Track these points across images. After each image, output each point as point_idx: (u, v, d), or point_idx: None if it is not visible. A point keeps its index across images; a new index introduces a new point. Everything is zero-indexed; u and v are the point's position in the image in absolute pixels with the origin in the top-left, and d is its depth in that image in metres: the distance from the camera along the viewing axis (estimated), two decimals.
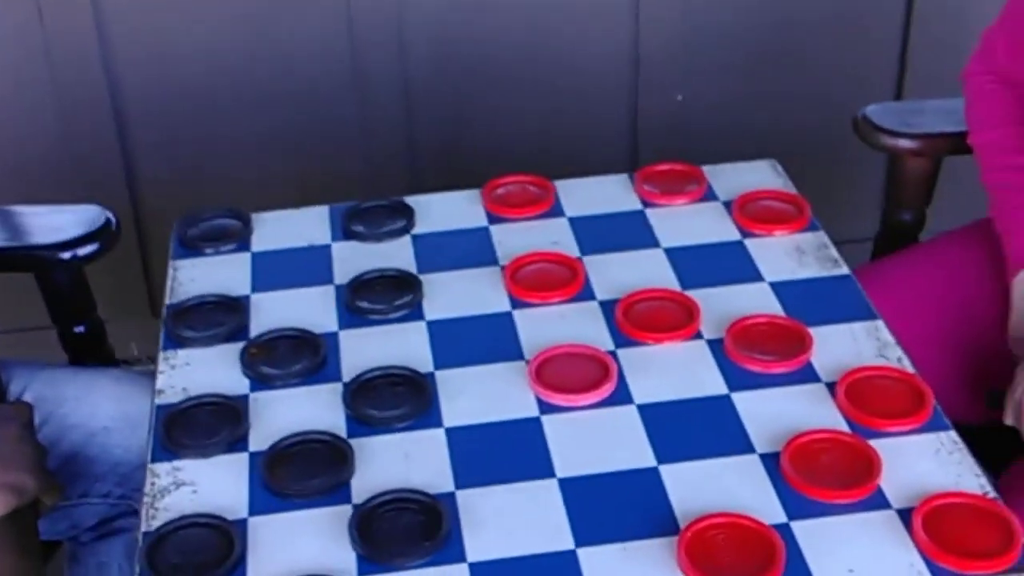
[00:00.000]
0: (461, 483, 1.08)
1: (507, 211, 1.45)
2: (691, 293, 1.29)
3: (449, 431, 1.14)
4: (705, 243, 1.38)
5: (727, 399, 1.16)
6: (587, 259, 1.36)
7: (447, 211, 1.46)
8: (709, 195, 1.46)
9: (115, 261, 1.58)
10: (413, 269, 1.36)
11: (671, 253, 1.37)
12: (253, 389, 1.21)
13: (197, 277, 1.38)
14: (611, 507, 1.05)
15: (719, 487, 1.07)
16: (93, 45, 2.08)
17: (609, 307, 1.28)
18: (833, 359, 1.20)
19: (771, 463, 1.09)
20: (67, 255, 1.47)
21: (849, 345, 1.22)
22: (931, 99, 1.66)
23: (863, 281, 1.32)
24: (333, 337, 1.27)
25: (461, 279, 1.35)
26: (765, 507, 1.04)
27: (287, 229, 1.45)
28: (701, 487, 1.07)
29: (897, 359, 1.20)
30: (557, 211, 1.45)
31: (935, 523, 1.02)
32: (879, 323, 1.25)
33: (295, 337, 1.26)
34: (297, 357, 1.23)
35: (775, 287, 1.31)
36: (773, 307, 1.28)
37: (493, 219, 1.44)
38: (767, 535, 1.01)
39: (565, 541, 1.02)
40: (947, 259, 1.46)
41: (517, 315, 1.29)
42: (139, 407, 1.34)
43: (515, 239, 1.40)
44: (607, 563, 1.00)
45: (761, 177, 1.49)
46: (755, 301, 1.29)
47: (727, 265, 1.35)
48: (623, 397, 1.17)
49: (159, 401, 1.20)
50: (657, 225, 1.42)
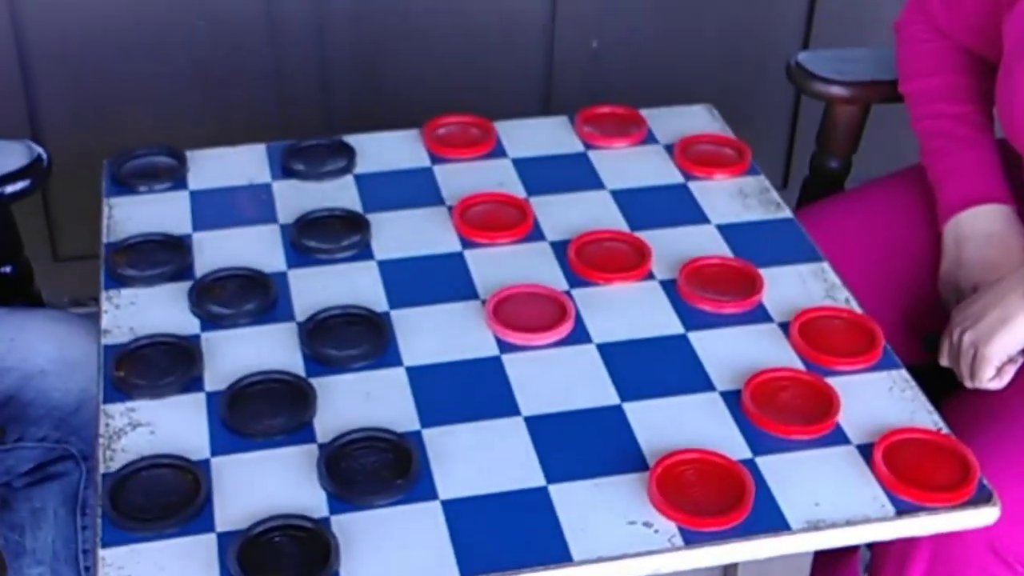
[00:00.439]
0: (426, 422, 1.08)
1: (449, 151, 1.44)
2: (640, 234, 1.30)
3: (409, 370, 1.13)
4: (650, 185, 1.39)
5: (683, 338, 1.18)
6: (534, 200, 1.36)
7: (388, 151, 1.45)
8: (649, 138, 1.47)
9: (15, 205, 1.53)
10: (359, 208, 1.34)
11: (617, 195, 1.37)
12: (204, 329, 1.18)
13: (134, 215, 1.34)
14: (579, 444, 1.06)
15: (683, 424, 1.08)
16: None
17: (560, 247, 1.28)
18: (784, 300, 1.22)
19: (732, 400, 1.10)
20: None
21: (798, 286, 1.24)
22: (855, 48, 1.68)
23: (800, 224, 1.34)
24: (282, 276, 1.25)
25: (408, 219, 1.34)
26: (730, 443, 1.06)
27: (223, 167, 1.42)
28: (665, 424, 1.08)
29: (845, 300, 1.23)
30: (499, 152, 1.44)
31: (894, 457, 1.05)
32: (825, 265, 1.27)
33: (244, 276, 1.24)
34: (247, 296, 1.21)
35: (722, 229, 1.32)
36: (721, 249, 1.29)
37: (436, 159, 1.43)
38: (736, 470, 1.02)
39: (536, 478, 1.02)
40: (880, 205, 1.49)
41: (468, 255, 1.28)
42: (77, 349, 1.30)
43: (459, 180, 1.39)
44: (580, 499, 1.01)
45: (699, 121, 1.51)
46: (703, 243, 1.30)
47: (673, 207, 1.36)
48: (581, 336, 1.17)
49: (106, 341, 1.17)
50: (600, 167, 1.42)
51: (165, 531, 0.97)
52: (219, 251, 1.28)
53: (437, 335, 1.18)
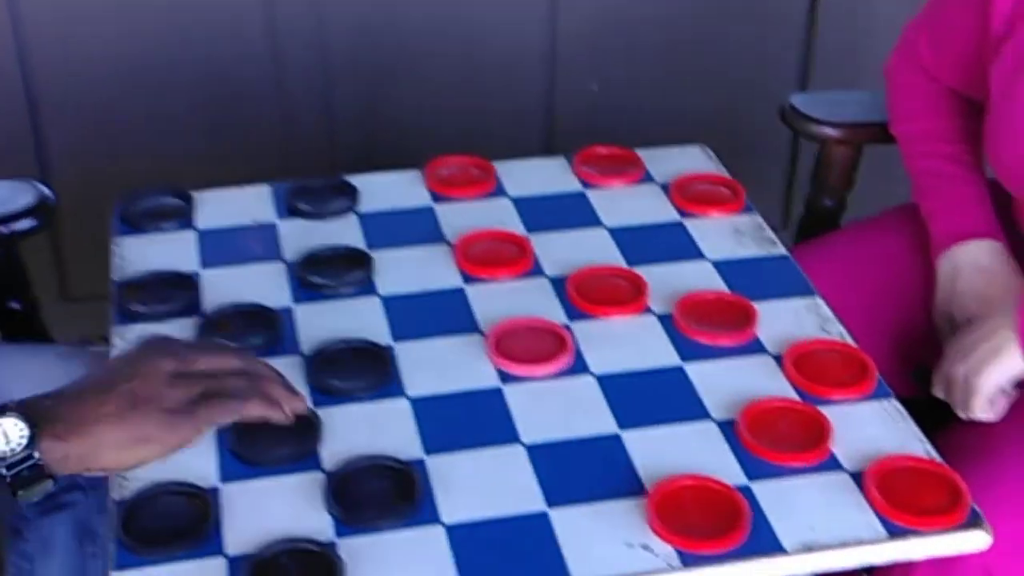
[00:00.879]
0: (430, 449, 1.11)
1: (450, 191, 1.47)
2: (637, 270, 1.33)
3: (413, 401, 1.16)
4: (646, 223, 1.42)
5: (680, 370, 1.20)
6: (533, 237, 1.39)
7: (390, 190, 1.48)
8: (646, 178, 1.51)
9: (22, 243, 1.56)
10: (362, 246, 1.38)
11: (614, 232, 1.41)
12: None
13: (142, 254, 1.37)
14: (578, 471, 1.09)
15: (680, 451, 1.11)
16: (6, 25, 2.04)
17: (559, 283, 1.31)
18: (778, 333, 1.25)
19: (728, 429, 1.13)
20: (4, 230, 1.45)
21: (792, 320, 1.27)
22: (848, 90, 1.72)
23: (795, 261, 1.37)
24: (288, 312, 1.28)
25: (410, 256, 1.37)
26: (725, 470, 1.09)
27: (229, 207, 1.45)
28: (663, 452, 1.11)
29: (839, 333, 1.26)
30: (499, 191, 1.48)
31: (886, 484, 1.07)
32: (818, 299, 1.30)
33: (250, 312, 1.27)
34: (254, 331, 1.24)
35: (717, 265, 1.35)
36: (717, 284, 1.32)
37: (437, 198, 1.46)
38: (732, 496, 1.05)
39: (536, 503, 1.05)
40: (873, 242, 1.52)
41: (469, 290, 1.31)
42: None
43: (460, 218, 1.43)
44: (579, 522, 1.03)
45: (694, 161, 1.54)
46: (699, 278, 1.33)
47: (669, 244, 1.39)
48: (580, 368, 1.20)
49: None
50: (598, 205, 1.45)
51: (175, 554, 1.00)
52: (226, 288, 1.31)
53: (439, 367, 1.20)
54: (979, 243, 1.39)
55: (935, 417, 1.33)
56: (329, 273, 1.32)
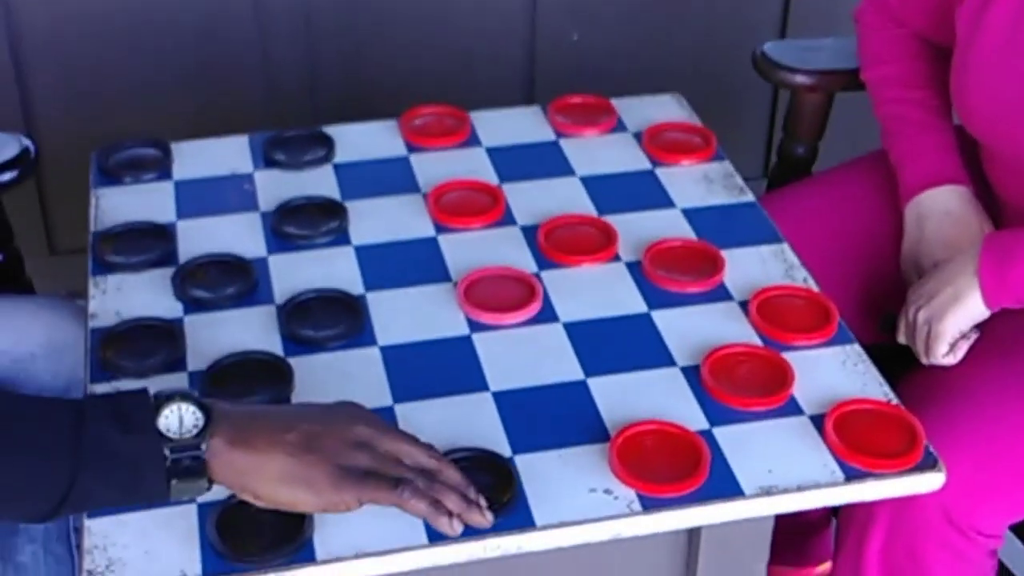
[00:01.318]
0: (399, 397, 1.13)
1: (425, 141, 1.49)
2: (608, 218, 1.35)
3: (383, 349, 1.18)
4: (618, 172, 1.44)
5: (647, 317, 1.23)
6: (506, 187, 1.41)
7: (366, 141, 1.50)
8: (619, 127, 1.52)
9: (9, 197, 1.57)
10: (337, 196, 1.39)
11: (586, 181, 1.42)
12: (187, 312, 1.23)
13: (120, 205, 1.39)
14: (544, 417, 1.11)
15: (644, 397, 1.13)
16: None
17: (530, 232, 1.33)
18: (744, 279, 1.27)
19: (692, 375, 1.15)
20: None
21: (758, 266, 1.29)
22: (824, 38, 1.73)
23: (765, 208, 1.39)
24: (263, 262, 1.30)
25: (385, 206, 1.38)
26: (688, 415, 1.11)
27: (207, 158, 1.47)
28: (627, 398, 1.13)
29: (803, 279, 1.28)
30: (474, 141, 1.49)
31: (845, 427, 1.09)
32: (785, 246, 1.32)
33: (225, 262, 1.29)
34: (229, 281, 1.26)
35: (686, 213, 1.37)
36: (685, 232, 1.34)
37: (412, 148, 1.48)
38: (692, 440, 1.07)
39: (503, 449, 1.07)
40: (842, 189, 1.54)
41: (442, 239, 1.33)
42: (66, 334, 1.35)
43: (435, 168, 1.44)
44: (544, 469, 1.06)
45: (667, 110, 1.55)
46: (668, 226, 1.35)
47: (640, 192, 1.41)
48: (549, 316, 1.22)
49: (93, 324, 1.22)
50: (571, 155, 1.47)
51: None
52: (202, 238, 1.33)
53: (410, 316, 1.23)
54: (946, 189, 1.41)
55: (903, 363, 1.35)
56: (304, 223, 1.34)
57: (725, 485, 1.04)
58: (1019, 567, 1.47)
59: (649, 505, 1.03)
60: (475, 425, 1.10)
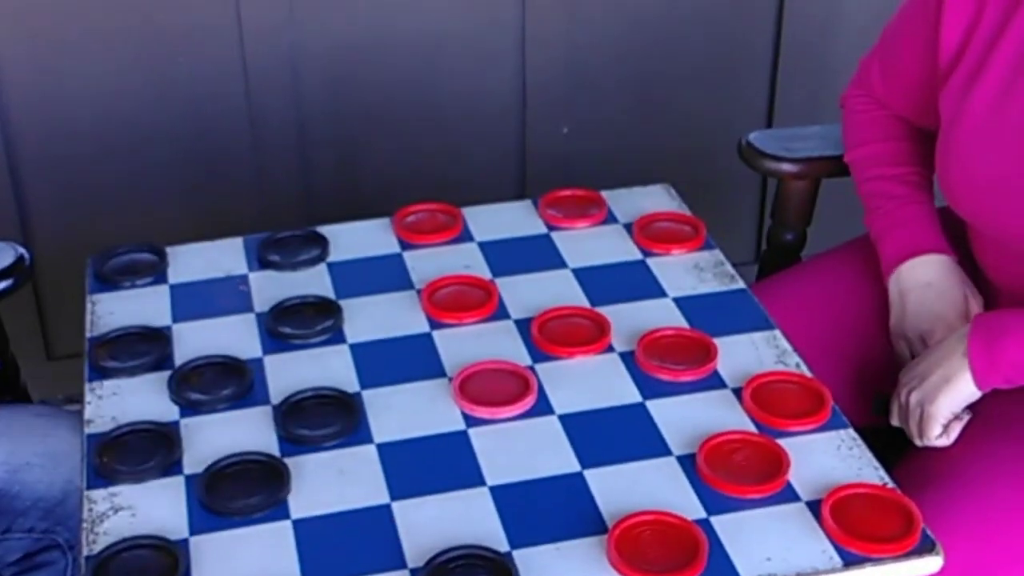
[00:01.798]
0: (396, 495, 1.13)
1: (418, 237, 1.50)
2: (601, 309, 1.36)
3: (380, 447, 1.19)
4: (609, 263, 1.45)
5: (642, 407, 1.23)
6: (499, 280, 1.42)
7: (359, 239, 1.51)
8: (610, 218, 1.54)
9: (6, 304, 1.59)
10: (331, 295, 1.40)
11: (578, 273, 1.44)
12: (183, 415, 1.24)
13: (116, 310, 1.40)
14: (541, 511, 1.11)
15: (641, 488, 1.13)
16: None
17: (524, 325, 1.34)
18: (737, 366, 1.28)
19: (688, 464, 1.16)
20: None
21: (751, 353, 1.30)
22: (808, 126, 1.76)
23: (756, 295, 1.40)
24: (258, 362, 1.31)
25: (379, 303, 1.40)
26: (685, 504, 1.11)
27: (202, 261, 1.48)
28: (624, 488, 1.13)
29: (796, 364, 1.28)
30: (466, 236, 1.51)
31: (841, 512, 1.09)
32: (776, 332, 1.33)
33: (221, 363, 1.30)
34: (225, 383, 1.27)
35: (678, 302, 1.38)
36: (678, 320, 1.35)
37: (405, 245, 1.50)
38: (690, 530, 1.07)
39: (500, 544, 1.07)
40: (831, 274, 1.55)
41: (436, 335, 1.34)
42: (62, 442, 1.36)
43: (428, 264, 1.46)
44: (542, 562, 1.06)
45: (657, 200, 1.57)
46: (661, 315, 1.36)
47: (632, 283, 1.42)
48: (544, 408, 1.23)
49: (89, 431, 1.22)
50: (563, 247, 1.48)
51: None
52: (198, 341, 1.34)
53: (406, 412, 1.23)
54: (925, 259, 1.42)
55: (898, 445, 1.36)
56: (299, 323, 1.35)
57: (724, 574, 1.04)
58: None
59: None
60: (472, 520, 1.10)
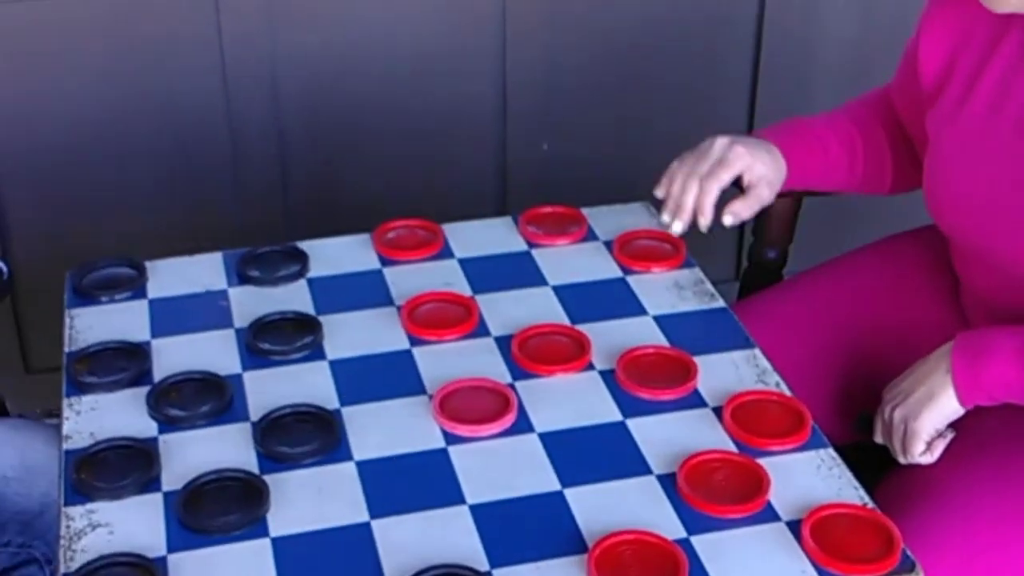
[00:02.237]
0: (375, 513, 1.13)
1: (398, 254, 1.50)
2: (581, 327, 1.36)
3: (359, 464, 1.18)
4: (590, 280, 1.46)
5: (622, 425, 1.23)
6: (479, 297, 1.42)
7: (339, 255, 1.51)
8: (590, 235, 1.54)
9: None
10: (311, 311, 1.40)
11: (558, 290, 1.44)
12: (162, 431, 1.23)
13: (95, 324, 1.39)
14: (521, 530, 1.11)
15: (621, 507, 1.13)
16: None
17: (504, 342, 1.34)
18: (717, 385, 1.28)
19: (668, 483, 1.16)
20: None
21: (731, 372, 1.30)
22: None
23: (737, 314, 1.40)
24: (237, 379, 1.30)
25: (358, 319, 1.39)
26: (665, 524, 1.11)
27: (182, 276, 1.48)
28: (604, 508, 1.13)
29: (775, 384, 1.29)
30: (447, 253, 1.51)
31: (821, 532, 1.09)
32: (757, 351, 1.33)
33: (200, 379, 1.29)
34: (204, 399, 1.26)
35: (658, 320, 1.38)
36: (658, 339, 1.35)
37: (385, 262, 1.49)
38: (670, 549, 1.07)
39: (480, 562, 1.07)
40: (812, 293, 1.56)
41: (416, 352, 1.34)
42: (39, 455, 1.35)
43: (408, 280, 1.45)
44: None
45: (637, 218, 1.57)
46: (641, 333, 1.36)
47: (612, 300, 1.42)
48: (524, 426, 1.23)
49: (67, 446, 1.21)
50: (543, 264, 1.48)
51: None
52: (177, 356, 1.33)
53: (386, 430, 1.23)
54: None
55: (881, 463, 1.36)
56: (278, 339, 1.35)
57: None
58: None
59: None
60: (452, 539, 1.10)
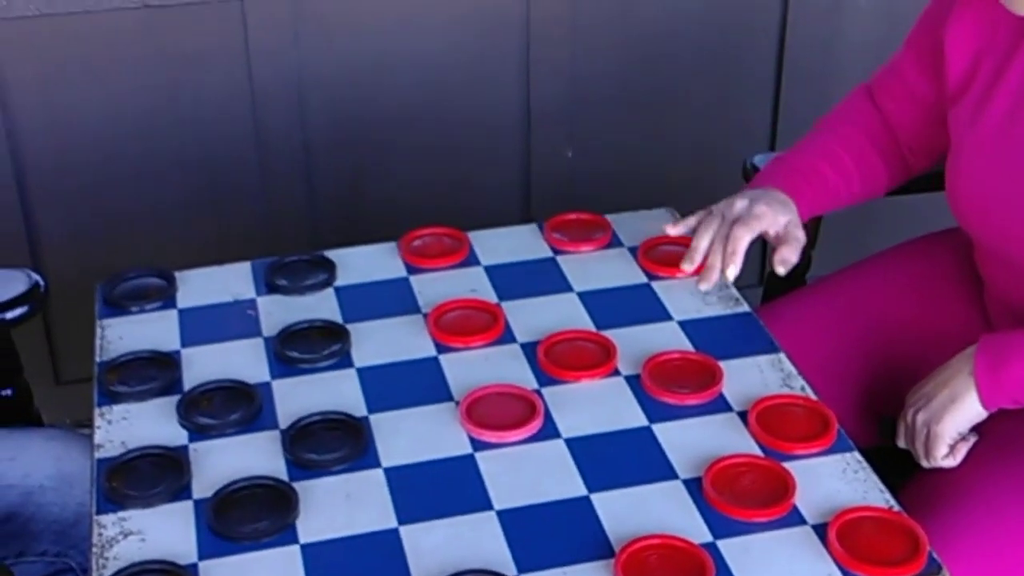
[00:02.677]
0: (403, 519, 1.14)
1: (425, 262, 1.51)
2: (606, 333, 1.37)
3: (387, 471, 1.19)
4: (614, 286, 1.46)
5: (648, 430, 1.24)
6: (505, 304, 1.43)
7: (366, 263, 1.52)
8: (614, 241, 1.55)
9: (15, 329, 1.60)
10: (339, 319, 1.41)
11: (583, 296, 1.44)
12: (192, 440, 1.24)
13: (125, 335, 1.41)
14: (548, 535, 1.11)
15: (647, 511, 1.14)
16: None
17: (530, 348, 1.35)
18: (742, 390, 1.29)
19: (694, 487, 1.16)
20: None
21: (756, 376, 1.31)
22: None
23: (761, 318, 1.41)
24: (266, 387, 1.31)
25: (386, 327, 1.40)
26: (691, 528, 1.12)
27: (211, 285, 1.49)
28: (631, 512, 1.14)
29: (801, 388, 1.29)
30: (473, 260, 1.52)
31: (847, 536, 1.10)
32: (781, 356, 1.34)
33: (230, 388, 1.30)
34: (233, 407, 1.28)
35: (683, 325, 1.39)
36: (683, 344, 1.36)
37: (412, 270, 1.50)
38: (697, 554, 1.08)
39: (508, 568, 1.08)
40: (834, 297, 1.56)
41: (443, 359, 1.35)
42: (74, 465, 1.37)
43: (434, 288, 1.47)
44: None
45: (661, 224, 1.57)
46: (666, 338, 1.37)
47: (637, 306, 1.43)
48: (550, 432, 1.24)
49: (99, 455, 1.23)
50: (568, 271, 1.49)
51: None
52: (206, 365, 1.35)
53: (413, 436, 1.24)
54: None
55: (907, 466, 1.36)
56: (306, 347, 1.36)
57: None
58: None
59: None
60: (480, 545, 1.11)
